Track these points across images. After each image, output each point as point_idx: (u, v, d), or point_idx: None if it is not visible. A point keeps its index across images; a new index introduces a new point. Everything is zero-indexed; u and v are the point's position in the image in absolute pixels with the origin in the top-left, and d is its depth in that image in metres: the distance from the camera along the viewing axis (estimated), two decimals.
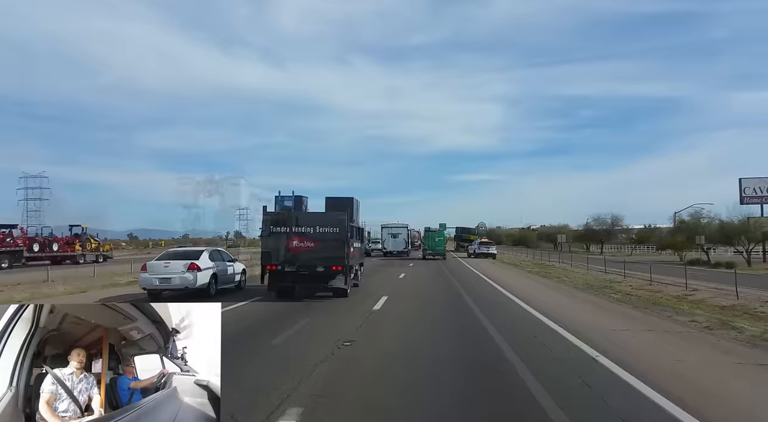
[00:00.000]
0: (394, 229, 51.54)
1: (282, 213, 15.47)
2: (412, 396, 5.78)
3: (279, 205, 16.08)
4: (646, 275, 22.29)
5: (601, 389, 5.86)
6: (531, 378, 6.28)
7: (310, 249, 14.54)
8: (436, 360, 7.58)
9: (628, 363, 7.02)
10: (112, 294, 17.09)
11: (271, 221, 14.88)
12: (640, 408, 5.28)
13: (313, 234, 14.65)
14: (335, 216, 14.98)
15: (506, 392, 5.85)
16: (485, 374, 6.78)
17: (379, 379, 6.53)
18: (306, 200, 16.61)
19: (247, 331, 9.82)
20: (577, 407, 5.26)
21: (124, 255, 50.78)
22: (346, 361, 7.44)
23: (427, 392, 5.88)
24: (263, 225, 15.01)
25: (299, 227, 14.73)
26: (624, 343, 8.61)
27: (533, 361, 7.21)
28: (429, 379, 6.47)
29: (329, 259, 14.49)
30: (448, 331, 10.13)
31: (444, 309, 13.60)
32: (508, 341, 8.80)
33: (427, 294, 17.44)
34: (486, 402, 5.53)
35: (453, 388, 5.99)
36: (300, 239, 14.64)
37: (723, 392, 5.89)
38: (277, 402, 5.38)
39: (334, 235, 14.63)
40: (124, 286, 19.52)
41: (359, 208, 18.14)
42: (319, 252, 14.48)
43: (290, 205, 16.03)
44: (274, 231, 14.76)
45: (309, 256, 14.47)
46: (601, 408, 5.24)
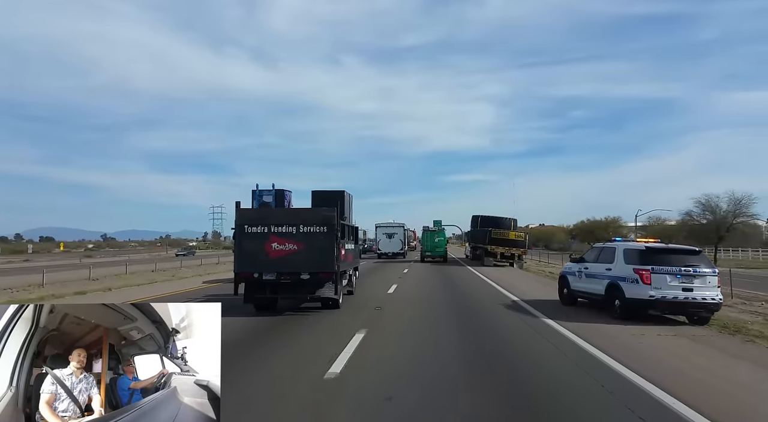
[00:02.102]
0: (390, 229, 47.59)
1: (259, 210, 13.61)
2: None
3: (257, 200, 14.18)
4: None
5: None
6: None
7: (293, 253, 12.53)
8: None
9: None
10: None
11: (245, 219, 12.78)
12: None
13: (297, 234, 12.60)
14: (323, 212, 12.89)
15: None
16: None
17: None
18: (289, 195, 14.63)
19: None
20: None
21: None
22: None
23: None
24: (236, 225, 12.81)
25: (280, 226, 12.64)
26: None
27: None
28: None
29: (316, 264, 12.57)
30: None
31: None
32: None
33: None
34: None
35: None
36: (281, 241, 12.58)
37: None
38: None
39: (322, 236, 12.63)
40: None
41: (352, 203, 16.25)
42: (304, 256, 12.51)
43: (270, 200, 14.12)
44: (250, 232, 12.66)
45: (292, 261, 12.49)
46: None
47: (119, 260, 48.24)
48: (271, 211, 13.41)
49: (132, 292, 19.44)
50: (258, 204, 14.07)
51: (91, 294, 19.13)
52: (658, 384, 6.56)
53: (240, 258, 12.76)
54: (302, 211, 13.62)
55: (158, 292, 19.75)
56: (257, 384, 6.62)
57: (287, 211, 13.78)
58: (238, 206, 13.07)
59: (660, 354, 8.58)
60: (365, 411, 5.71)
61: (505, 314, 13.25)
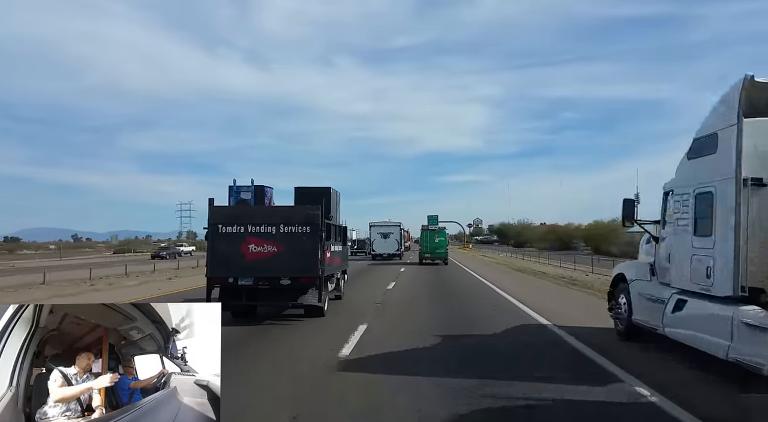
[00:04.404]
0: (385, 228, 44.67)
1: (235, 207, 12.66)
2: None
3: (234, 197, 13.09)
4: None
5: None
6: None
7: (272, 255, 11.58)
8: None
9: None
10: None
11: (219, 218, 11.85)
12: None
13: (277, 235, 11.66)
14: (305, 211, 11.96)
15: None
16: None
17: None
18: (270, 192, 13.55)
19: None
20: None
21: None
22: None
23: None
24: (209, 224, 11.89)
25: (258, 226, 11.69)
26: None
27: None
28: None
29: (297, 268, 11.66)
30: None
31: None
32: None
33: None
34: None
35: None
36: (258, 242, 11.63)
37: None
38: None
39: (304, 236, 11.72)
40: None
41: (339, 201, 15.27)
42: (285, 259, 11.57)
43: (248, 197, 12.99)
44: (224, 232, 11.72)
45: (271, 265, 11.56)
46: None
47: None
48: (248, 209, 12.51)
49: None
50: (235, 201, 13.03)
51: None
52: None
53: (213, 261, 11.92)
54: (283, 209, 12.85)
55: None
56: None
57: (266, 209, 12.82)
58: (211, 203, 12.19)
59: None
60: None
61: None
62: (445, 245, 39.78)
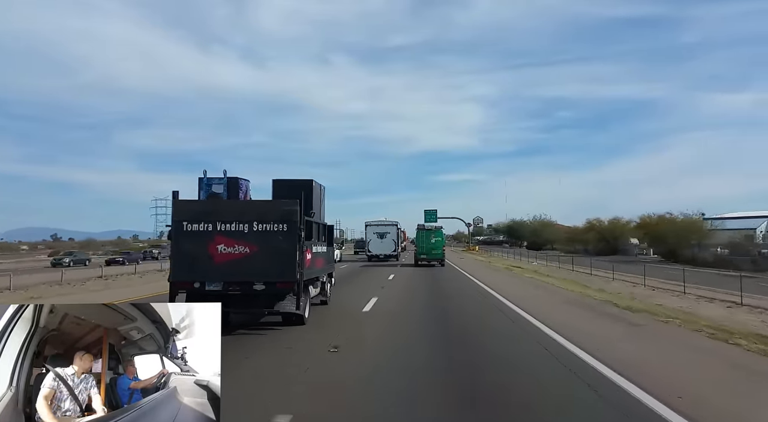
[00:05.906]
0: (381, 228, 42.43)
1: (203, 202, 11.12)
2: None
3: (204, 190, 11.47)
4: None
5: None
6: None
7: (244, 257, 10.32)
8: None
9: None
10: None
11: (185, 214, 10.56)
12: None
13: (249, 233, 10.39)
14: (282, 206, 10.67)
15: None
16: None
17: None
18: (246, 184, 12.02)
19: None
20: None
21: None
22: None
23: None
24: (173, 221, 10.63)
25: (228, 223, 10.38)
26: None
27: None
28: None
29: (273, 272, 10.39)
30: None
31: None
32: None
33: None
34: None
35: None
36: (229, 242, 10.34)
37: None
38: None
39: (281, 235, 10.43)
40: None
41: (323, 196, 13.88)
42: (258, 262, 10.32)
43: (220, 191, 11.39)
44: (190, 230, 10.39)
45: (243, 268, 10.29)
46: None
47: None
48: (217, 204, 11.00)
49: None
50: (206, 194, 11.42)
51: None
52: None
53: (177, 264, 10.62)
54: (257, 204, 11.47)
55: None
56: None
57: (238, 204, 11.29)
58: (175, 197, 10.93)
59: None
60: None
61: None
62: (442, 246, 38.55)
